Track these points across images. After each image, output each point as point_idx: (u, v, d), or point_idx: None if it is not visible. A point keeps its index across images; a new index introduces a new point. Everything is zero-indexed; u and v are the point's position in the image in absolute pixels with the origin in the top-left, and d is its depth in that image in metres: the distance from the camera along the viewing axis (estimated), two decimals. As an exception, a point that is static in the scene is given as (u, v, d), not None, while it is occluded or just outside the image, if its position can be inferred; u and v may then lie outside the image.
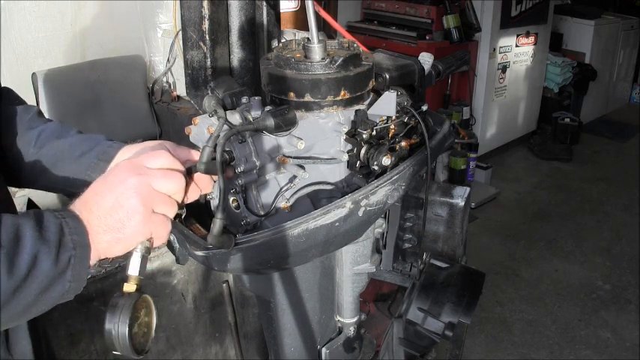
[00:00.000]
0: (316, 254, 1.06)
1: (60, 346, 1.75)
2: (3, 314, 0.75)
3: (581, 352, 3.18)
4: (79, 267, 0.80)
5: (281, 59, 1.10)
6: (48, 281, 0.77)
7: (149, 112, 2.53)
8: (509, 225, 4.47)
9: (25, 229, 0.76)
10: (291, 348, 1.27)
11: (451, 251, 1.79)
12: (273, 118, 0.98)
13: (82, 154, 1.10)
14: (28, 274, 0.75)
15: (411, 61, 1.34)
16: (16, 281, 0.74)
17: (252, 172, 1.00)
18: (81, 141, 1.13)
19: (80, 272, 0.81)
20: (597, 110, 6.67)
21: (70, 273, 0.79)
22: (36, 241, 0.76)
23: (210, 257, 1.01)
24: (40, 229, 0.77)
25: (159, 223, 0.87)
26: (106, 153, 1.09)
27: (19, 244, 0.75)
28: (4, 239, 0.74)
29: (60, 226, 0.79)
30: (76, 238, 0.80)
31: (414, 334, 1.51)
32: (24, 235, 0.76)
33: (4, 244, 0.74)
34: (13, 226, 0.76)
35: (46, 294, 0.78)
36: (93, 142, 1.12)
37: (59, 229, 0.79)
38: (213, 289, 2.10)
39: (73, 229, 0.80)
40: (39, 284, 0.76)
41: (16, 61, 2.31)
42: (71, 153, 1.11)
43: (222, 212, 0.91)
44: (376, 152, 1.07)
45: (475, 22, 4.77)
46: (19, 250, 0.75)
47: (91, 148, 1.11)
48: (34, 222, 0.78)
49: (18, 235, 0.76)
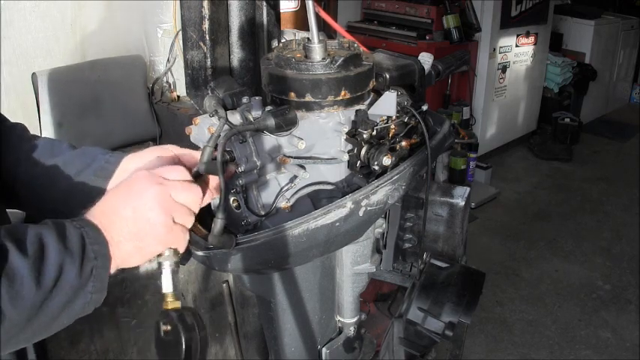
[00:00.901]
0: (317, 254, 1.06)
1: (60, 346, 1.75)
2: (30, 327, 0.73)
3: (581, 352, 3.18)
4: (100, 278, 0.79)
5: (282, 59, 1.10)
6: (72, 292, 0.76)
7: (149, 112, 2.53)
8: (509, 225, 4.47)
9: (48, 240, 0.75)
10: (292, 348, 1.27)
11: (451, 251, 1.80)
12: (273, 118, 0.98)
13: (78, 172, 1.05)
14: (55, 286, 0.74)
15: (411, 61, 1.34)
16: (44, 293, 0.72)
17: (252, 172, 1.00)
18: (75, 157, 1.07)
19: (102, 283, 0.80)
20: (597, 110, 6.66)
21: (92, 284, 0.78)
22: (60, 252, 0.75)
23: (211, 257, 1.01)
24: (63, 240, 0.76)
25: (178, 233, 0.87)
26: (104, 169, 1.05)
27: (45, 254, 0.74)
28: (30, 250, 0.73)
29: (81, 236, 0.78)
30: (96, 248, 0.79)
31: (415, 334, 1.51)
32: (48, 245, 0.74)
33: (30, 255, 0.72)
34: (36, 236, 0.75)
35: (70, 306, 0.77)
36: (89, 158, 1.07)
37: (80, 239, 0.78)
38: (213, 289, 2.10)
39: (93, 239, 0.79)
40: (64, 295, 0.75)
41: (16, 61, 2.30)
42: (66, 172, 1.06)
43: (223, 212, 0.91)
44: (377, 152, 1.07)
45: (475, 22, 4.77)
46: (45, 261, 0.73)
47: (87, 165, 1.06)
48: (55, 232, 0.76)
49: (42, 245, 0.74)
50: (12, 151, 1.07)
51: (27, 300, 0.71)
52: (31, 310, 0.72)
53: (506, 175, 5.34)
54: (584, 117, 6.13)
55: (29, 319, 0.72)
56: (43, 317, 0.74)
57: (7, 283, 0.69)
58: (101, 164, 1.05)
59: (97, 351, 1.84)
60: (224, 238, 0.93)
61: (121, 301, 1.85)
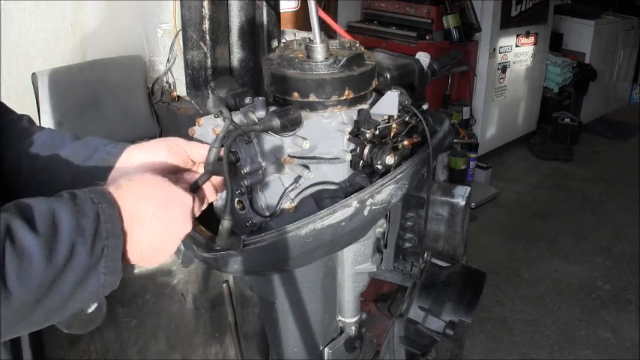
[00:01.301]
0: (322, 254, 1.06)
1: (60, 346, 1.74)
2: (41, 308, 0.70)
3: (581, 352, 3.18)
4: (112, 258, 0.77)
5: (284, 59, 1.10)
6: (84, 272, 0.73)
7: (149, 112, 2.53)
8: (509, 225, 4.47)
9: (61, 215, 0.72)
10: (295, 349, 1.27)
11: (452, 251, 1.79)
12: (278, 118, 0.98)
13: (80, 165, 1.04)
14: (66, 265, 0.71)
15: (411, 60, 1.34)
16: (55, 271, 0.70)
17: (257, 173, 1.00)
18: (77, 150, 1.06)
19: (114, 263, 0.77)
20: (597, 110, 6.66)
21: (104, 265, 0.75)
22: (73, 230, 0.72)
23: (218, 259, 1.01)
24: (77, 216, 0.73)
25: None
26: (105, 160, 1.03)
27: (57, 231, 0.71)
28: (41, 227, 0.70)
29: (96, 213, 0.75)
30: (109, 226, 0.76)
31: (415, 333, 1.51)
32: (60, 221, 0.72)
33: (42, 232, 0.69)
34: (49, 212, 0.72)
35: (82, 287, 0.74)
36: (91, 149, 1.05)
37: (95, 216, 0.75)
38: (213, 289, 2.09)
39: (108, 216, 0.76)
40: (75, 276, 0.72)
41: (16, 61, 2.30)
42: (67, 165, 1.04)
43: (230, 214, 0.91)
44: (380, 151, 1.08)
45: (475, 22, 4.77)
46: (56, 238, 0.70)
47: (89, 157, 1.04)
48: (70, 207, 0.74)
49: (55, 221, 0.71)
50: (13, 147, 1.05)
51: (35, 278, 0.68)
52: (40, 289, 0.69)
53: (506, 175, 5.34)
54: (584, 117, 6.13)
55: (38, 299, 0.70)
56: (54, 297, 0.71)
57: (16, 261, 0.67)
58: (102, 155, 1.04)
59: (97, 351, 1.84)
60: (231, 240, 0.93)
61: (121, 301, 1.84)
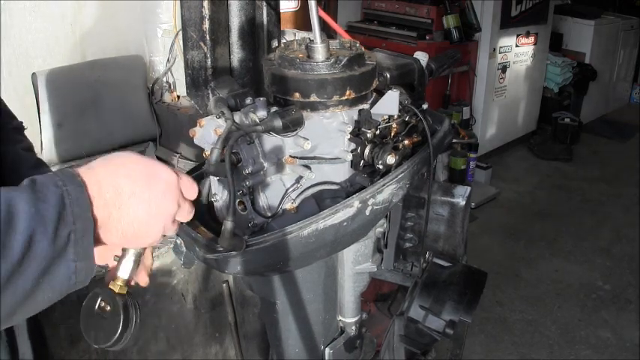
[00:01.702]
0: (324, 254, 1.06)
1: (60, 346, 1.74)
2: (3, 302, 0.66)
3: (581, 352, 3.18)
4: (82, 244, 0.71)
5: (285, 59, 1.10)
6: (47, 263, 0.68)
7: (149, 112, 2.53)
8: (509, 225, 4.47)
9: (18, 205, 0.67)
10: (296, 349, 1.27)
11: (452, 250, 1.79)
12: (280, 118, 0.98)
13: None
14: (24, 258, 0.66)
15: (411, 60, 1.34)
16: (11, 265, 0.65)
17: (259, 174, 1.00)
18: None
19: (85, 249, 0.72)
20: (597, 110, 6.66)
21: (72, 251, 0.71)
22: (31, 219, 0.67)
23: (220, 260, 1.01)
24: (36, 204, 0.68)
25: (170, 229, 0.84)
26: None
27: (12, 223, 0.66)
28: None
29: (60, 197, 0.70)
30: (77, 210, 0.71)
31: (415, 332, 1.51)
32: (17, 212, 0.67)
33: None
34: (5, 203, 0.66)
35: (49, 277, 0.69)
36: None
37: (59, 201, 0.70)
38: (213, 289, 2.09)
39: (75, 199, 0.71)
40: (36, 267, 0.68)
41: (16, 61, 2.30)
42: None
43: (233, 215, 0.90)
44: (381, 151, 1.08)
45: (475, 22, 4.77)
46: (11, 230, 0.66)
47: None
48: (29, 195, 0.69)
49: (11, 212, 0.66)
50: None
51: None
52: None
53: (506, 175, 5.34)
54: (584, 117, 6.13)
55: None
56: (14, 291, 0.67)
57: None
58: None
59: (97, 351, 1.84)
60: (234, 241, 0.93)
61: (121, 301, 1.84)
